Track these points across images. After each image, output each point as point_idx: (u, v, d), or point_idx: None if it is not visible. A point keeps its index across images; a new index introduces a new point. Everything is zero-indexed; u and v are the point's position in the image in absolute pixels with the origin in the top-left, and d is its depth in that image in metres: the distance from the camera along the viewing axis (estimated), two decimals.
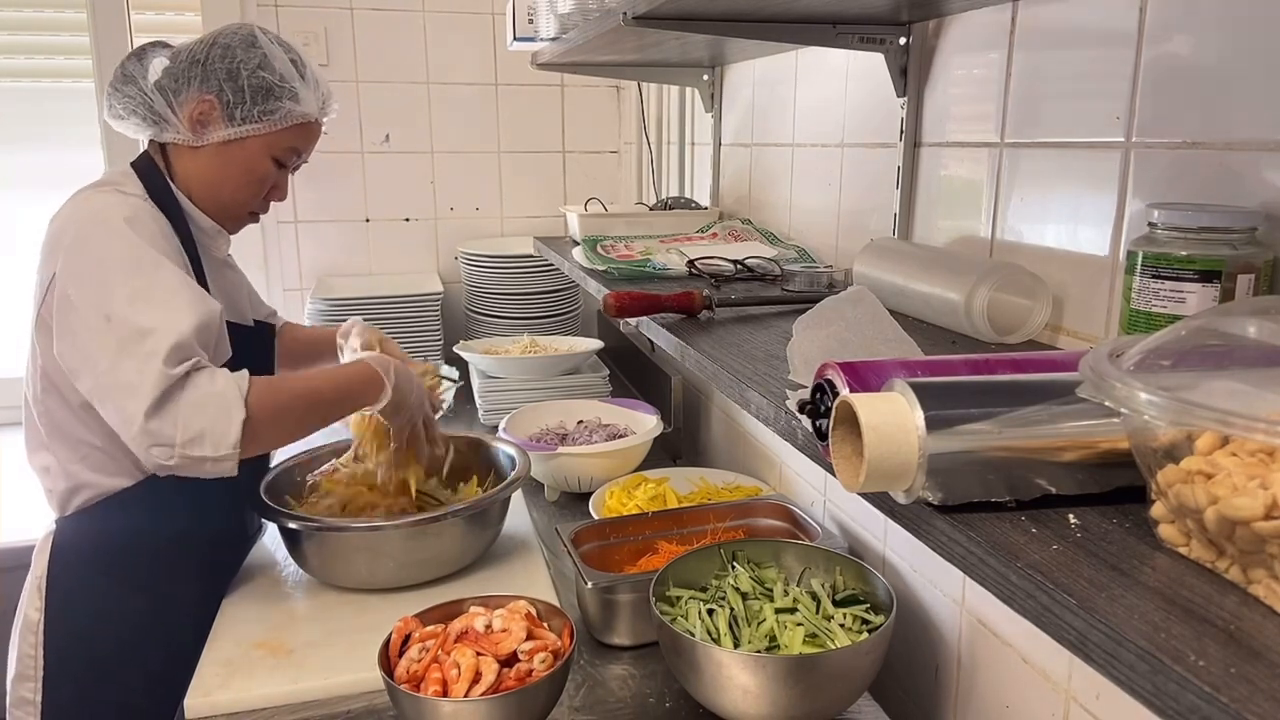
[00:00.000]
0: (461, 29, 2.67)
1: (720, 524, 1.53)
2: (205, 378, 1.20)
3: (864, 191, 1.42)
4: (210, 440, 1.18)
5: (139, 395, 1.15)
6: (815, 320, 0.90)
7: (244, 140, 1.37)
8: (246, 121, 1.36)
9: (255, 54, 1.36)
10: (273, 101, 1.36)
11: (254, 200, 1.43)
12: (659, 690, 1.24)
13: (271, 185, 1.44)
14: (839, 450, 0.62)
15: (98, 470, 1.33)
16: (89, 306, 1.20)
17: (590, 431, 1.93)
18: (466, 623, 1.17)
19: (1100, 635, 0.46)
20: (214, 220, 1.42)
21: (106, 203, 1.28)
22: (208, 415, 1.18)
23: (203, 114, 1.35)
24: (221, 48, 1.36)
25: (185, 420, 1.17)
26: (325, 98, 1.45)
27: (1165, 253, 0.76)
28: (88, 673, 1.33)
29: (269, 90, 1.36)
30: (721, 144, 2.00)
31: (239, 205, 1.43)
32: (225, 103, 1.35)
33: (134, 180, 1.36)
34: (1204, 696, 0.40)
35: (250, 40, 1.38)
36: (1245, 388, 0.51)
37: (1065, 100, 0.99)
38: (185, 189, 1.39)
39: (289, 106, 1.37)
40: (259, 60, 1.36)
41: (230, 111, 1.35)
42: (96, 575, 1.34)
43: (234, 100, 1.35)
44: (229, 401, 1.19)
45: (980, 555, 0.56)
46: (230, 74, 1.35)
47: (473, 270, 2.60)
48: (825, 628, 1.16)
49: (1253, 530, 0.47)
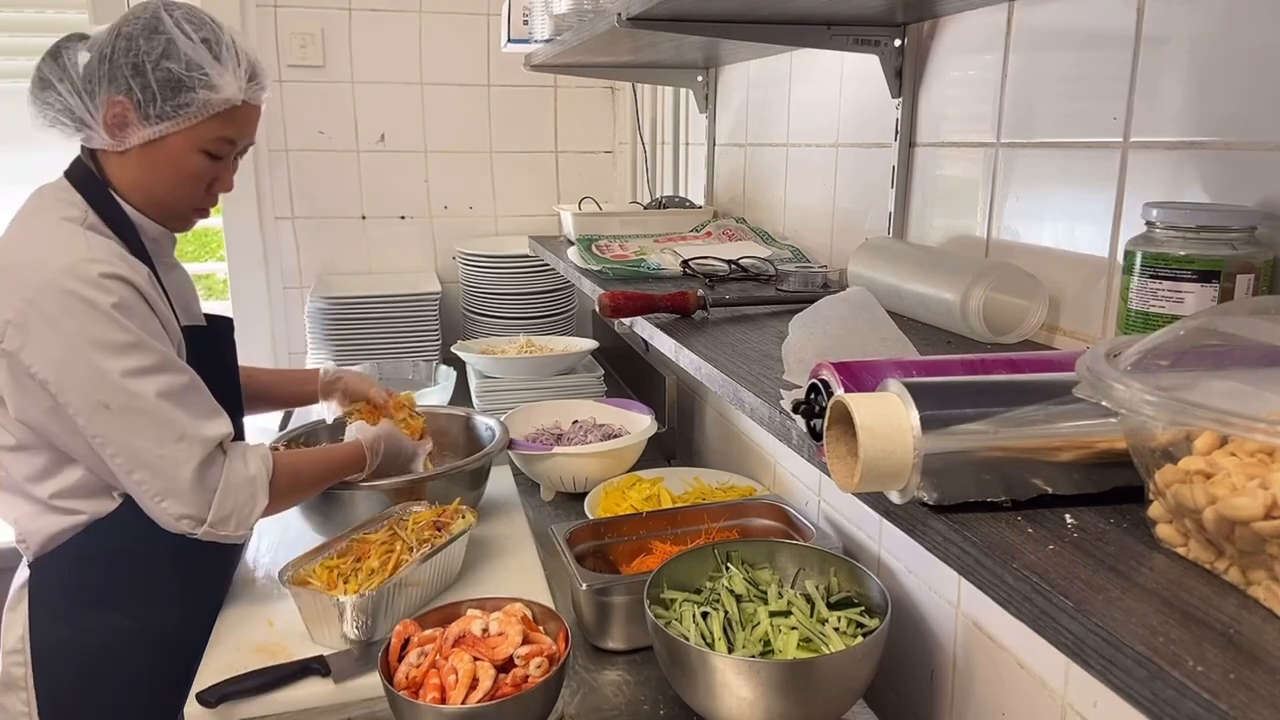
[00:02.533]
0: (457, 30, 2.67)
1: (715, 524, 1.52)
2: (239, 458, 1.28)
3: (859, 191, 1.41)
4: (235, 521, 1.27)
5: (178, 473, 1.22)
6: (810, 320, 0.89)
7: (165, 139, 1.26)
8: (162, 119, 1.24)
9: (158, 42, 1.23)
10: (185, 94, 1.23)
11: (194, 197, 1.33)
12: (653, 697, 1.24)
13: (211, 179, 1.33)
14: (834, 450, 0.62)
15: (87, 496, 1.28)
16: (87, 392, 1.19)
17: (585, 431, 1.92)
18: (464, 626, 1.17)
19: (1098, 640, 0.45)
20: (158, 223, 1.34)
21: (76, 264, 1.18)
22: (239, 500, 1.27)
23: (117, 117, 1.24)
24: (125, 39, 1.23)
25: (219, 502, 1.25)
26: (251, 75, 1.30)
27: (1164, 252, 0.75)
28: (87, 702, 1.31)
29: (178, 82, 1.23)
30: (716, 144, 1.99)
31: (179, 204, 1.33)
32: (137, 102, 1.23)
33: (72, 195, 1.27)
34: (1203, 704, 0.40)
35: (153, 25, 1.23)
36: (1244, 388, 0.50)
37: (1062, 101, 0.98)
38: (121, 194, 1.30)
39: (204, 96, 1.24)
40: (162, 49, 1.22)
41: (144, 110, 1.23)
42: (82, 609, 1.30)
43: (144, 99, 1.23)
44: (258, 487, 1.29)
45: (976, 556, 0.55)
46: (136, 69, 1.22)
47: (470, 270, 2.59)
48: (819, 631, 1.15)
49: (1252, 530, 0.46)
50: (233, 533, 1.27)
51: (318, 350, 2.47)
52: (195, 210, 1.37)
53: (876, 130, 1.34)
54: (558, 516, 1.77)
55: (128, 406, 1.19)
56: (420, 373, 2.41)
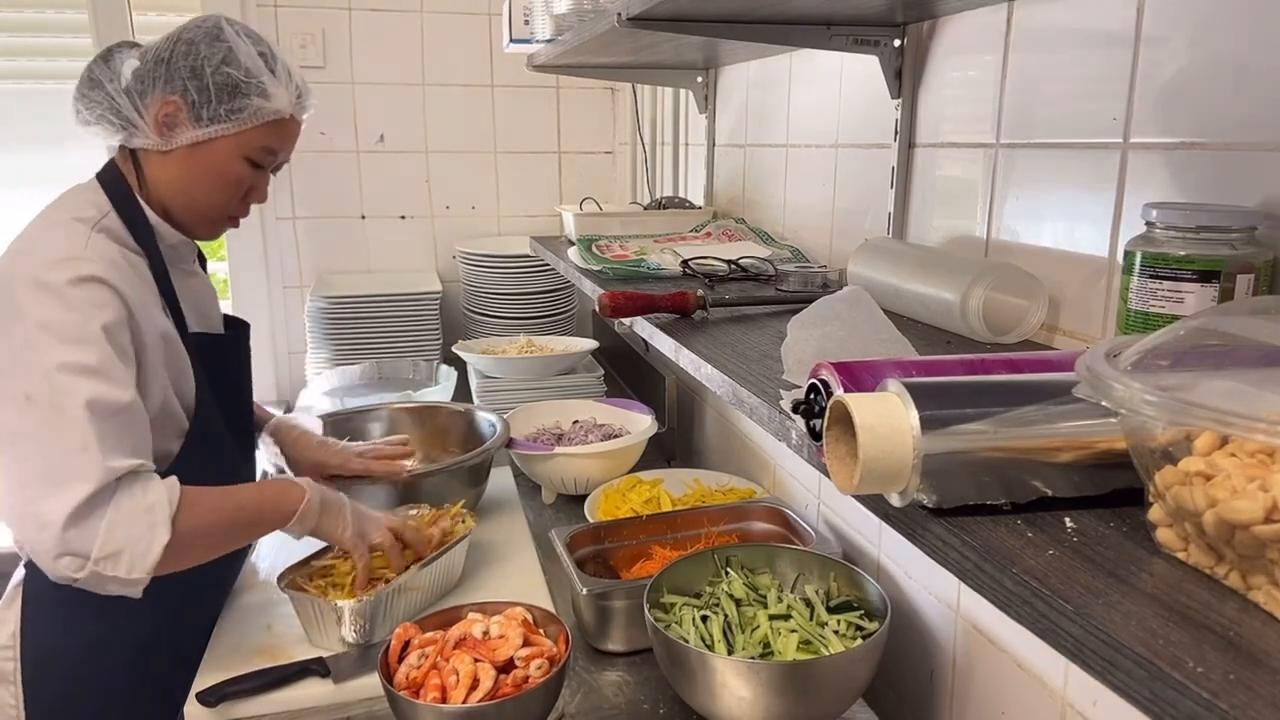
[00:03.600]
0: (458, 30, 2.67)
1: (714, 528, 1.52)
2: (138, 486, 1.11)
3: (858, 192, 1.41)
4: (128, 559, 1.08)
5: (65, 492, 1.06)
6: (810, 320, 0.89)
7: (213, 142, 1.29)
8: (214, 122, 1.27)
9: (220, 49, 1.27)
10: (240, 99, 1.27)
11: (230, 204, 1.35)
12: (653, 697, 1.23)
13: (249, 187, 1.35)
14: (833, 451, 0.61)
15: None
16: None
17: (586, 431, 1.92)
18: (465, 629, 1.17)
19: (1097, 642, 0.45)
20: (190, 225, 1.35)
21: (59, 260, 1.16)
22: (132, 533, 1.08)
23: (168, 116, 1.27)
24: (185, 44, 1.27)
25: (107, 533, 1.07)
26: (299, 93, 1.35)
27: (1163, 252, 0.75)
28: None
29: (235, 87, 1.27)
30: (715, 144, 1.99)
31: (215, 209, 1.34)
32: (190, 103, 1.26)
33: (98, 196, 1.28)
34: (1203, 704, 0.40)
35: (215, 34, 1.28)
36: (1244, 388, 0.50)
37: (1062, 101, 0.98)
38: (158, 195, 1.31)
39: (258, 104, 1.28)
40: (223, 55, 1.27)
41: (196, 112, 1.27)
42: (72, 611, 1.25)
43: (199, 100, 1.26)
44: (157, 519, 1.10)
45: (975, 560, 0.55)
46: (194, 72, 1.26)
47: (471, 270, 2.59)
48: (819, 634, 1.15)
49: (1252, 534, 0.46)
50: (125, 575, 1.08)
51: (318, 350, 2.47)
52: (229, 217, 1.38)
53: (876, 131, 1.34)
54: (558, 519, 1.77)
55: (48, 401, 1.10)
56: (420, 372, 2.41)
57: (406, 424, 1.90)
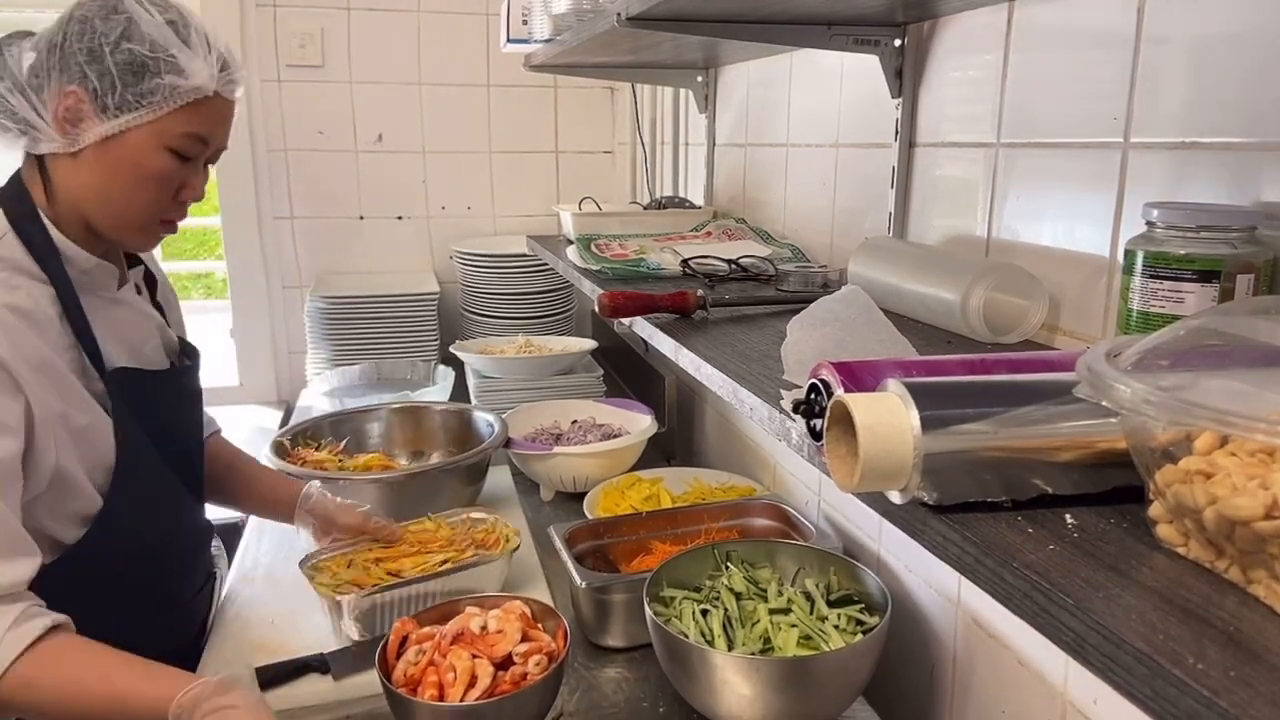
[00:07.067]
0: (456, 30, 2.67)
1: (714, 524, 1.52)
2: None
3: (859, 191, 1.41)
4: None
5: None
6: (810, 320, 0.89)
7: (124, 134, 1.08)
8: (122, 110, 1.06)
9: (118, 22, 1.06)
10: (149, 79, 1.06)
11: (158, 205, 1.13)
12: (653, 695, 1.24)
13: (180, 184, 1.14)
14: (834, 450, 0.62)
15: None
16: None
17: (585, 431, 1.92)
18: (463, 624, 1.16)
19: (1098, 638, 0.46)
20: (117, 235, 1.15)
21: None
22: None
23: (69, 110, 1.06)
24: (79, 22, 1.06)
25: None
26: (224, 65, 1.12)
27: (1164, 252, 0.75)
28: None
29: (141, 66, 1.06)
30: (715, 144, 1.99)
31: (140, 214, 1.13)
32: (93, 91, 1.06)
33: None
34: (1203, 701, 0.40)
35: (111, 6, 1.07)
36: (1244, 387, 0.50)
37: (1062, 101, 0.99)
38: (73, 207, 1.11)
39: (171, 82, 1.07)
40: (123, 29, 1.06)
41: (101, 101, 1.06)
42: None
43: (101, 87, 1.06)
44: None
45: (976, 555, 0.55)
46: (92, 54, 1.05)
47: (468, 270, 2.59)
48: (819, 629, 1.15)
49: (1253, 530, 0.46)
50: None
51: (317, 349, 2.48)
52: (161, 222, 1.16)
53: (876, 130, 1.34)
54: (557, 516, 1.77)
55: None
56: (419, 373, 2.41)
57: (405, 424, 1.90)
